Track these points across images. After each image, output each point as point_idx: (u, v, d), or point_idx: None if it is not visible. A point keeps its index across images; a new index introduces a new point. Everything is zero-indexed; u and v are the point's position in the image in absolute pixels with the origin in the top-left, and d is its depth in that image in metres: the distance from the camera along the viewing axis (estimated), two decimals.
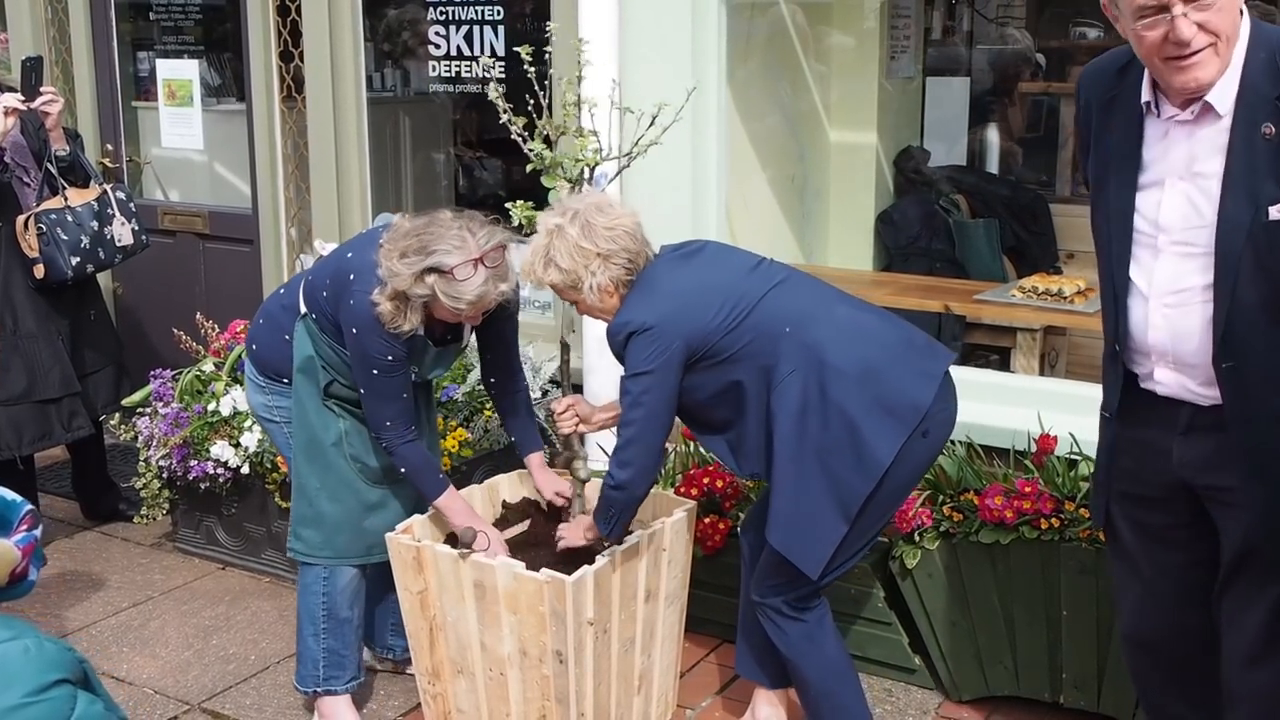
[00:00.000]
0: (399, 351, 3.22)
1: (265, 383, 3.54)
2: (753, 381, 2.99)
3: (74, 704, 1.02)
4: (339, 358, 3.35)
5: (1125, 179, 2.49)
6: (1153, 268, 2.46)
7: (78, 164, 4.59)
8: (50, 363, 4.54)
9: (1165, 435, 2.52)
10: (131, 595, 4.48)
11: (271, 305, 3.59)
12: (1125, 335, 2.53)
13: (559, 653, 3.08)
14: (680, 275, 3.08)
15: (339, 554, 3.48)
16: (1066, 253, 6.13)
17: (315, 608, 3.53)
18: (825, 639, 3.15)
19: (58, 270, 4.44)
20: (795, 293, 3.07)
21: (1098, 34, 6.36)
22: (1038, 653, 3.51)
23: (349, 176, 5.03)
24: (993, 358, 5.17)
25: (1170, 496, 2.56)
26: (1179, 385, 2.48)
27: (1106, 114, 2.53)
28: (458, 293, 3.08)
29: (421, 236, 3.09)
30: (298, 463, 3.48)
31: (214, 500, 4.57)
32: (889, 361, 2.97)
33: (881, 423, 2.90)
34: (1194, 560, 2.59)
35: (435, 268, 3.05)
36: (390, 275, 3.10)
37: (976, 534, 3.47)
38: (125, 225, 4.63)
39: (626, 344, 2.99)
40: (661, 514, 3.41)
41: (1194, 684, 2.73)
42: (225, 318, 4.81)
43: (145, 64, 5.83)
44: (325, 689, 3.56)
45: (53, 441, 4.67)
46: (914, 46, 5.97)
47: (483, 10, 4.63)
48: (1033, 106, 6.65)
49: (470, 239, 3.09)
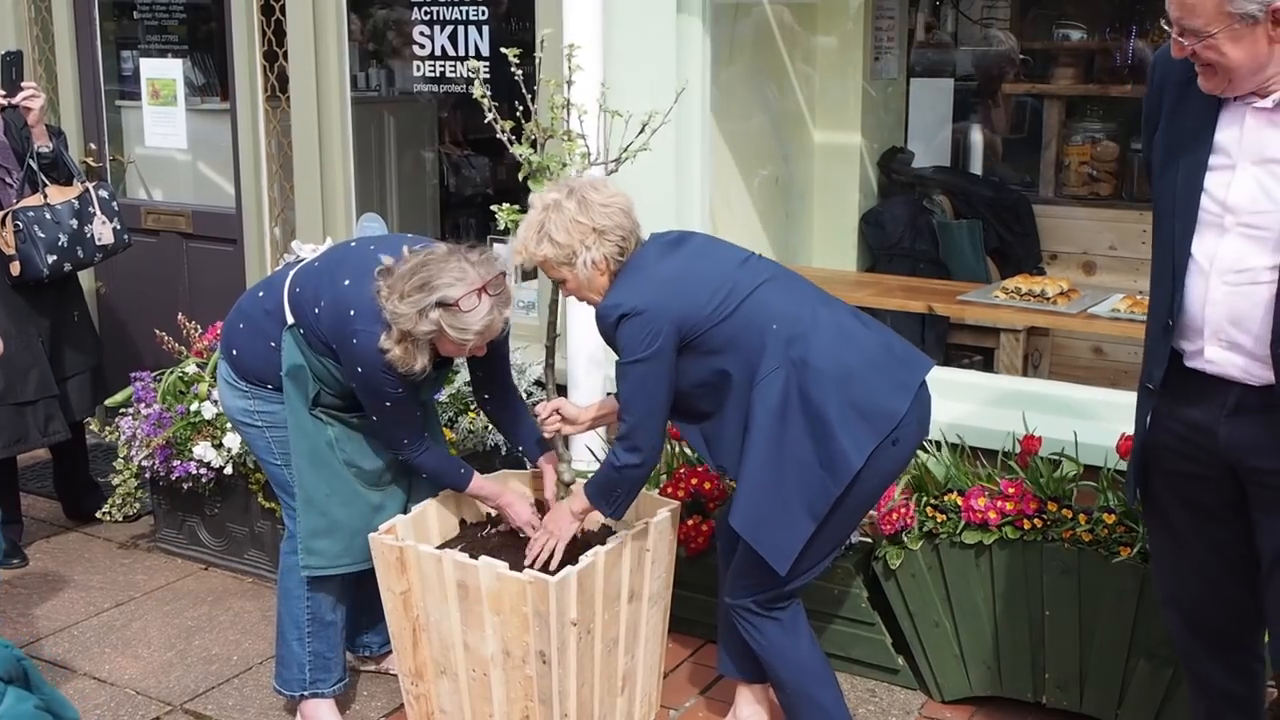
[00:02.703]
0: (408, 382, 3.21)
1: (247, 387, 3.45)
2: (738, 374, 3.00)
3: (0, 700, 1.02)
4: (328, 371, 3.31)
5: (1196, 159, 2.50)
6: (1217, 246, 2.47)
7: (60, 161, 4.56)
8: (27, 364, 4.49)
9: (1212, 415, 2.54)
10: (114, 595, 4.47)
11: (252, 309, 3.46)
12: (1180, 310, 2.54)
13: (542, 653, 3.08)
14: (670, 262, 3.08)
15: (357, 559, 3.44)
16: (1049, 253, 6.16)
17: (299, 612, 3.51)
18: (799, 638, 3.17)
19: (33, 268, 4.40)
20: (781, 291, 3.08)
21: (1080, 35, 6.39)
22: (1021, 653, 3.52)
23: (333, 176, 5.02)
24: (976, 358, 5.19)
25: (1222, 477, 2.58)
26: (1229, 363, 2.49)
27: (1182, 94, 2.53)
28: (464, 324, 3.05)
29: (420, 274, 3.05)
30: (302, 473, 3.39)
31: (196, 500, 4.56)
32: (867, 367, 2.99)
33: (855, 427, 2.93)
34: (1242, 536, 2.62)
35: (441, 302, 3.02)
36: (394, 317, 3.06)
37: (960, 534, 3.48)
38: (106, 224, 4.60)
39: (618, 326, 2.98)
40: (646, 514, 3.42)
41: (1234, 652, 2.77)
42: (208, 318, 4.80)
43: (129, 63, 5.80)
44: (312, 692, 3.55)
45: (28, 445, 4.63)
46: (898, 48, 5.98)
47: (467, 10, 4.63)
48: (1016, 107, 6.67)
49: (470, 269, 3.06)
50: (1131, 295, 4.85)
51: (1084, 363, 5.78)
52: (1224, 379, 2.51)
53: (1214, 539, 2.67)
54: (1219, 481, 2.59)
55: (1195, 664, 2.84)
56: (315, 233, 4.95)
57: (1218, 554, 2.68)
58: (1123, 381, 5.29)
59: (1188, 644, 2.83)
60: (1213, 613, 2.74)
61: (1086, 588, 3.36)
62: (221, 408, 3.67)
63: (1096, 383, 4.71)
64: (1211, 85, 2.40)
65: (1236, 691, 2.80)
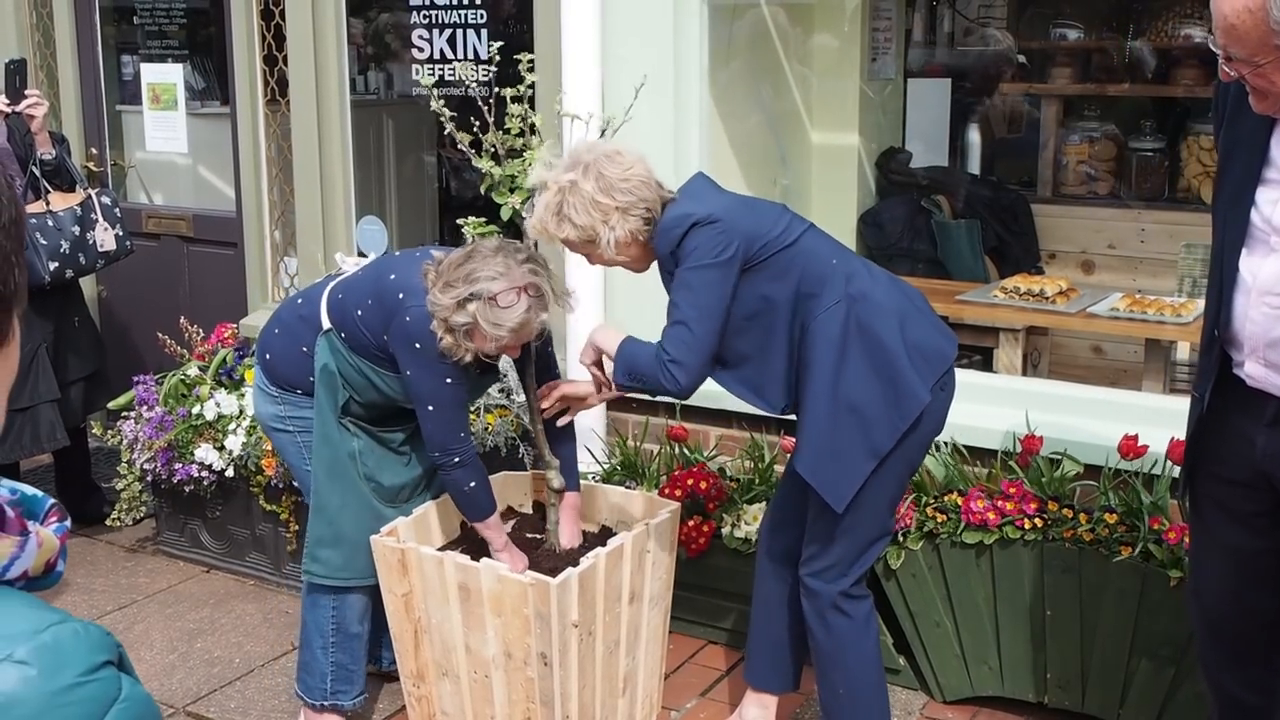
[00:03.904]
0: (461, 370, 3.19)
1: (278, 393, 3.45)
2: (787, 305, 2.91)
3: (119, 684, 1.07)
4: (361, 377, 3.30)
5: (1250, 169, 2.46)
6: (1261, 264, 2.45)
7: (63, 168, 4.58)
8: (28, 370, 4.49)
9: (1252, 424, 2.54)
10: (116, 599, 4.48)
11: (288, 315, 3.48)
12: (1226, 323, 2.53)
13: (544, 655, 3.09)
14: (726, 193, 3.04)
15: (359, 575, 3.43)
16: (1048, 253, 6.17)
17: (325, 621, 3.49)
18: (870, 639, 3.12)
19: (35, 275, 4.40)
20: (827, 239, 3.07)
21: (1078, 35, 6.40)
22: (1022, 653, 3.53)
23: (333, 179, 5.03)
24: (975, 358, 5.19)
25: (1255, 483, 2.57)
26: (1266, 379, 2.49)
27: (1243, 92, 2.43)
28: (500, 320, 3.02)
29: (464, 266, 3.05)
30: (319, 481, 3.40)
31: (198, 503, 4.57)
32: (918, 312, 3.00)
33: (918, 363, 2.91)
34: (1272, 548, 2.61)
35: (478, 295, 3.01)
36: (434, 307, 3.06)
37: (960, 534, 3.48)
38: (108, 231, 4.61)
39: (686, 235, 2.87)
40: (645, 516, 3.42)
41: (1252, 664, 2.75)
42: (209, 321, 4.81)
43: (129, 68, 5.82)
44: (333, 703, 3.53)
45: (23, 453, 4.64)
46: (895, 48, 5.99)
47: (466, 14, 4.64)
48: (1014, 107, 6.68)
49: (515, 268, 3.05)
50: (1130, 294, 4.87)
51: (1083, 362, 5.80)
52: (1263, 392, 2.50)
53: (1241, 546, 2.65)
54: (1254, 489, 2.58)
55: (1211, 670, 2.83)
56: (315, 236, 4.96)
57: (1244, 562, 2.66)
58: (1122, 380, 5.31)
59: (1206, 648, 2.82)
60: (1232, 615, 2.72)
61: (1088, 587, 3.37)
62: (255, 415, 3.66)
63: (1096, 382, 4.73)
64: (1263, 108, 2.34)
65: (1250, 703, 2.77)
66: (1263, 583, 2.65)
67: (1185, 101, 6.21)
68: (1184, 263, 5.36)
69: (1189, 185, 6.14)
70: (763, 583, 3.34)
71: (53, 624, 1.05)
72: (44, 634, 1.04)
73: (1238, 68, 2.27)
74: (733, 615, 3.94)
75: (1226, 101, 2.52)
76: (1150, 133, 6.26)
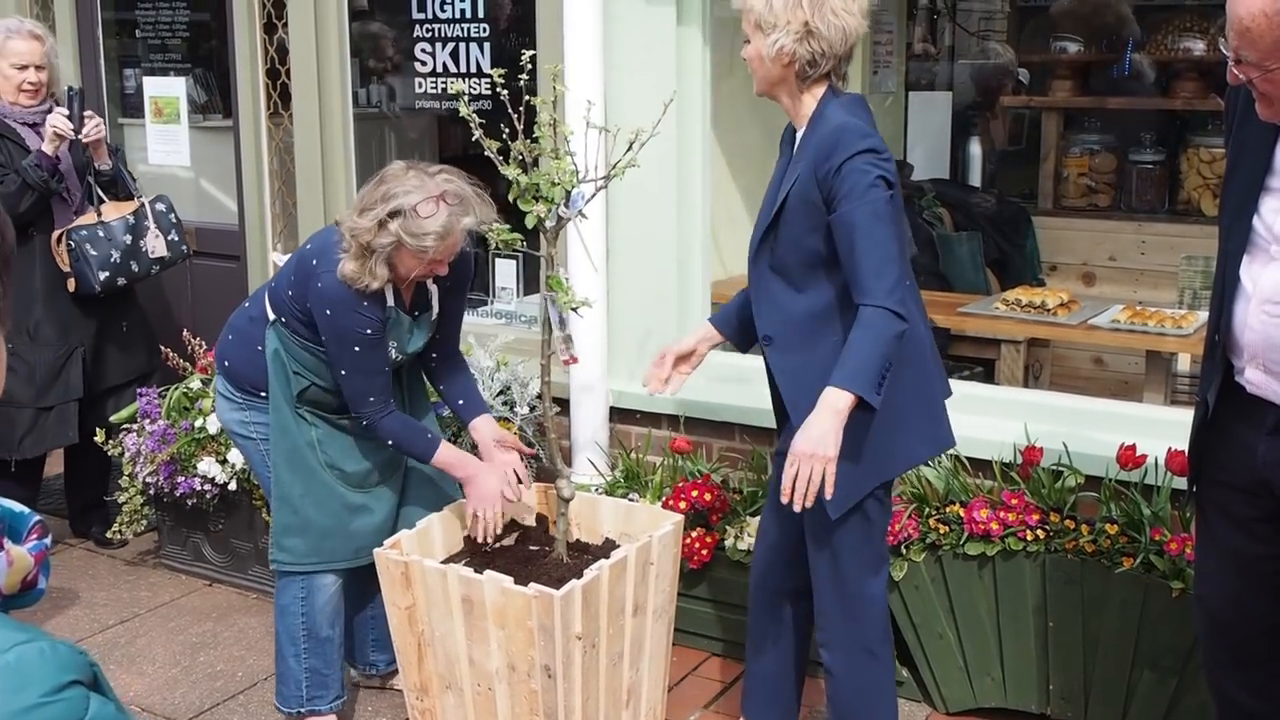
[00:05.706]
0: (376, 323, 3.22)
1: (242, 399, 3.51)
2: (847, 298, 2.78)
3: (87, 705, 1.05)
4: (313, 356, 3.35)
5: (1253, 176, 2.46)
6: (1262, 272, 2.45)
7: (119, 179, 4.73)
8: (59, 372, 4.60)
9: (1253, 432, 2.54)
10: (118, 612, 4.48)
11: (238, 320, 3.57)
12: (1226, 329, 2.53)
13: (547, 667, 3.09)
14: None
15: (327, 559, 3.47)
16: (1049, 265, 6.18)
17: (295, 628, 3.53)
18: (890, 693, 3.14)
19: (86, 284, 4.56)
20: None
21: (1078, 48, 6.42)
22: (1025, 664, 3.52)
23: (335, 192, 5.04)
24: (976, 370, 5.20)
25: (1256, 490, 2.57)
26: (1267, 386, 2.49)
27: (1251, 98, 2.40)
28: (422, 229, 3.06)
29: (378, 189, 3.13)
30: (279, 471, 3.45)
31: (201, 516, 4.57)
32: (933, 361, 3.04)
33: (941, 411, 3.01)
34: (1273, 554, 2.61)
35: (397, 210, 3.07)
36: (353, 233, 3.12)
37: (962, 546, 3.48)
38: (160, 237, 4.74)
39: (858, 155, 2.70)
40: (649, 528, 3.43)
41: (1253, 669, 2.74)
42: (212, 334, 4.78)
43: (132, 81, 5.84)
44: (310, 709, 3.56)
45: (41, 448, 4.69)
46: (895, 61, 6.01)
47: (468, 28, 4.65)
48: (1014, 120, 6.70)
49: (429, 180, 3.13)
50: (1131, 306, 4.87)
51: (1085, 373, 5.80)
52: (1263, 400, 2.50)
53: (1242, 552, 2.66)
54: (1255, 495, 2.58)
55: (1214, 674, 2.83)
56: None
57: (1245, 568, 2.66)
58: (1123, 392, 5.31)
59: (1209, 651, 2.83)
60: (1233, 619, 2.73)
61: (1090, 598, 3.37)
62: (220, 422, 3.70)
63: (1097, 393, 4.73)
64: (1269, 114, 2.33)
65: (1252, 708, 2.77)
66: (1264, 588, 2.65)
67: (1185, 114, 6.23)
68: (1184, 274, 5.37)
69: (1189, 197, 6.16)
70: (756, 617, 3.32)
71: (17, 643, 1.03)
72: (8, 654, 1.02)
73: (1247, 71, 2.27)
74: (736, 628, 3.93)
75: (1236, 110, 2.52)
76: (1150, 145, 6.28)
